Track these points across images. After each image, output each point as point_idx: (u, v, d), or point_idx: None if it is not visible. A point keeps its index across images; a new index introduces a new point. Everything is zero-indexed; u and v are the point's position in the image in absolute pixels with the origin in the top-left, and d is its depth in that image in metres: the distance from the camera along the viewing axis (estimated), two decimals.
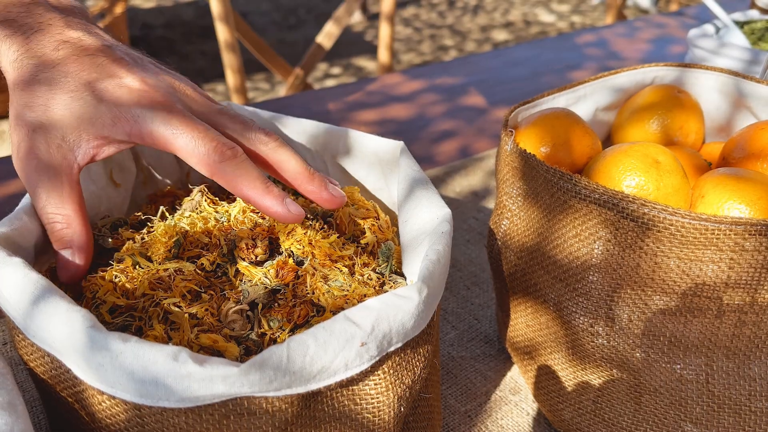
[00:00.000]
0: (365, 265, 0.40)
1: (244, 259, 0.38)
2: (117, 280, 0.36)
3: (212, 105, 0.40)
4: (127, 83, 0.36)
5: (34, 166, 0.36)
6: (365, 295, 0.36)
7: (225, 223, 0.41)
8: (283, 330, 0.35)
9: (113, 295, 0.35)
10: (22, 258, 0.33)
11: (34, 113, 0.36)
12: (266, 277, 0.37)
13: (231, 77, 1.66)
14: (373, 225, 0.42)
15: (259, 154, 0.39)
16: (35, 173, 0.36)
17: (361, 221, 0.43)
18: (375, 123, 0.95)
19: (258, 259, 0.39)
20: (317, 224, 0.41)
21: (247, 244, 0.39)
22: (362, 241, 0.41)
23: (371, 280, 0.38)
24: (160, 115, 0.35)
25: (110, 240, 0.40)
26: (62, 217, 0.36)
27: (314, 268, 0.38)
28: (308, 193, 0.39)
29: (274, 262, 0.38)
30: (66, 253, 0.37)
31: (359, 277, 0.38)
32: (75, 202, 0.37)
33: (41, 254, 0.38)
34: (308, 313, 0.36)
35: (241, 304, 0.36)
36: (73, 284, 0.38)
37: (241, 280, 0.38)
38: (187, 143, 0.35)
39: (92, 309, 0.36)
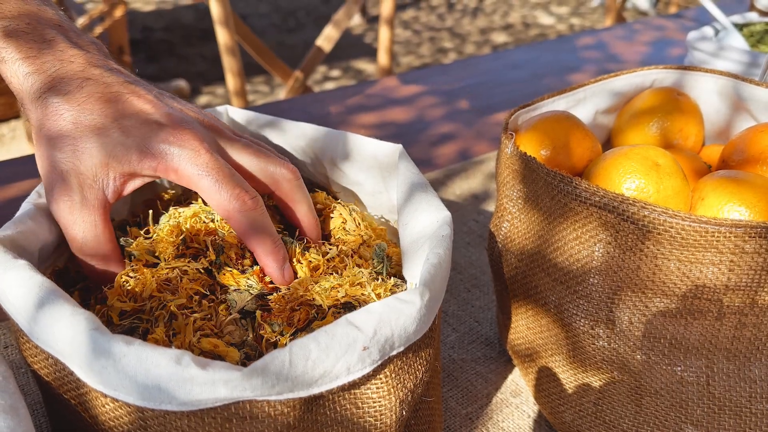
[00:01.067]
0: (357, 266, 0.40)
1: (229, 266, 0.39)
2: (124, 281, 0.36)
3: (236, 140, 0.40)
4: (154, 119, 0.37)
5: (68, 207, 0.37)
6: (360, 286, 0.37)
7: (213, 224, 0.41)
8: (284, 335, 0.35)
9: (120, 299, 0.36)
10: (27, 261, 0.33)
11: (63, 154, 0.36)
12: (249, 281, 0.38)
13: (231, 81, 1.66)
14: (341, 229, 0.43)
15: (278, 188, 0.41)
16: (70, 215, 0.37)
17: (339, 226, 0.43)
18: (374, 126, 0.95)
19: (243, 268, 0.39)
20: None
21: (236, 254, 0.39)
22: (339, 246, 0.42)
23: (363, 277, 0.38)
24: (187, 153, 0.36)
25: (122, 240, 0.41)
26: (100, 258, 0.38)
27: (306, 275, 0.38)
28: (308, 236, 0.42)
29: (253, 268, 0.39)
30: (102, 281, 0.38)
31: (351, 276, 0.38)
32: (109, 240, 0.38)
33: (45, 257, 0.38)
34: (308, 315, 0.36)
35: (232, 314, 0.36)
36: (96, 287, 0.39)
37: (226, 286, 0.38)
38: (210, 186, 0.36)
39: (102, 313, 0.36)
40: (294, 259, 0.40)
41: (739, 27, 0.93)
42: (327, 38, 1.83)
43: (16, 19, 0.39)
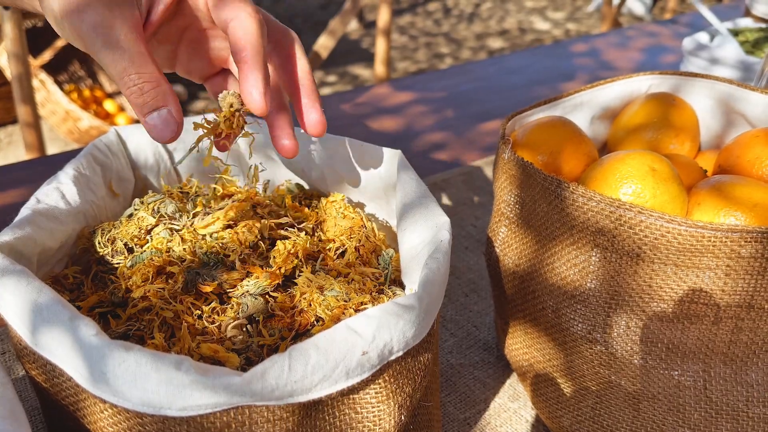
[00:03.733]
0: (362, 273, 0.40)
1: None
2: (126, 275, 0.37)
3: None
4: None
5: (105, 36, 0.34)
6: (362, 303, 0.37)
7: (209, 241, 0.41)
8: (284, 339, 0.35)
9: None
10: (25, 267, 0.33)
11: None
12: (254, 283, 0.38)
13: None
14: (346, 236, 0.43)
15: (284, 39, 0.39)
16: (108, 41, 0.34)
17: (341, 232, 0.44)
18: (373, 131, 0.95)
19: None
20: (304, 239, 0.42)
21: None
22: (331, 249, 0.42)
23: (364, 289, 0.38)
24: None
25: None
26: (150, 76, 0.34)
27: (309, 280, 0.38)
28: (305, 105, 0.40)
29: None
30: (163, 112, 0.35)
31: (356, 284, 0.38)
32: (154, 61, 0.35)
33: (43, 264, 0.38)
34: (309, 321, 0.37)
35: (240, 318, 0.36)
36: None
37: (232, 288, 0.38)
38: None
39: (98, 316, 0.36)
40: (296, 270, 0.40)
41: (734, 33, 0.93)
42: (323, 46, 1.84)
43: None
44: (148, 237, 0.41)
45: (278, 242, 0.40)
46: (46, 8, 0.35)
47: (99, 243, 0.41)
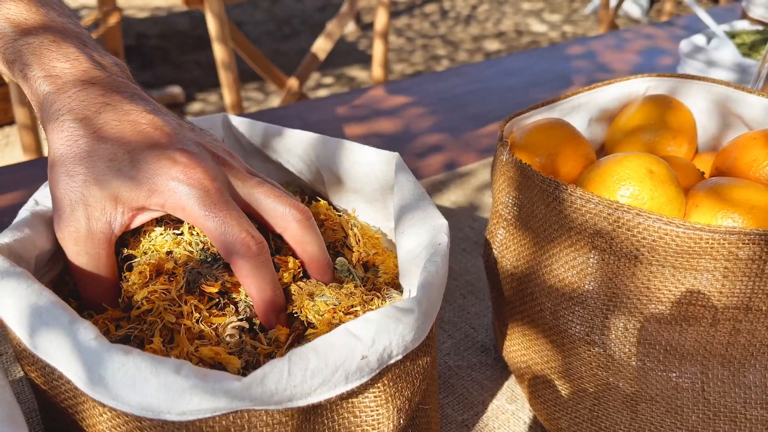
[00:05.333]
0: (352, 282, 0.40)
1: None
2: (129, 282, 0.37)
3: (248, 178, 0.40)
4: (168, 154, 0.36)
5: (73, 237, 0.36)
6: (352, 306, 0.37)
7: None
8: (280, 347, 0.35)
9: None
10: (24, 269, 0.33)
11: (74, 182, 0.36)
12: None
13: (227, 95, 1.66)
14: (354, 259, 0.43)
15: (288, 229, 0.40)
16: (75, 245, 0.37)
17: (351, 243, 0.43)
18: (370, 133, 0.95)
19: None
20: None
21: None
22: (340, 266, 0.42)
23: (355, 293, 0.38)
24: (196, 192, 0.36)
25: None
26: (99, 287, 0.38)
27: (300, 288, 0.38)
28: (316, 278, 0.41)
29: None
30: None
31: (345, 289, 0.38)
32: (111, 273, 0.38)
33: (42, 265, 0.38)
34: (302, 327, 0.37)
35: (242, 320, 0.36)
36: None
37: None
38: (216, 228, 0.36)
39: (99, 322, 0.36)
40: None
41: (731, 35, 0.94)
42: (320, 48, 1.84)
43: (41, 36, 0.39)
44: (147, 238, 0.40)
45: (290, 259, 0.40)
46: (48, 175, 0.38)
47: None
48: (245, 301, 0.37)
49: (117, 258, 0.39)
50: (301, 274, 0.40)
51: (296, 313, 0.37)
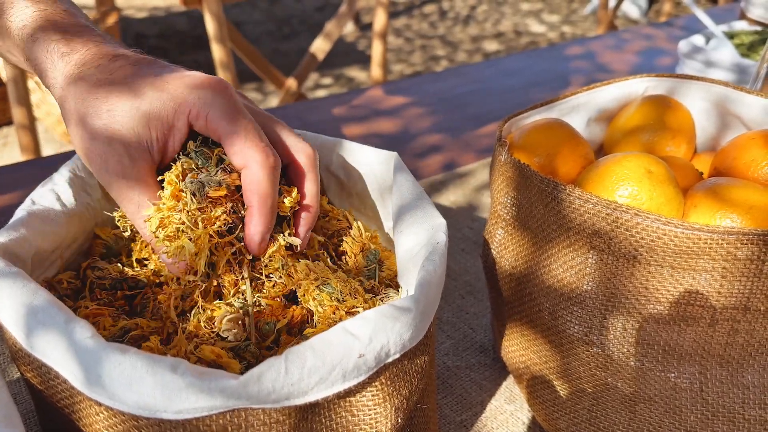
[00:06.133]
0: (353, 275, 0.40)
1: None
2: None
3: (263, 112, 0.42)
4: (188, 74, 0.38)
5: (119, 172, 0.37)
6: (354, 306, 0.37)
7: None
8: (280, 333, 0.35)
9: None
10: (20, 269, 0.33)
11: (102, 120, 0.37)
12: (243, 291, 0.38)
13: None
14: (357, 249, 0.43)
15: (296, 160, 0.41)
16: (121, 180, 0.37)
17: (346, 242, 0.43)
18: (369, 134, 0.95)
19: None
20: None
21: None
22: (350, 264, 0.42)
23: (358, 291, 0.38)
24: (219, 101, 0.37)
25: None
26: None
27: (309, 269, 0.38)
28: (297, 218, 0.41)
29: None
30: None
31: (349, 285, 0.38)
32: (155, 196, 0.38)
33: (38, 266, 0.38)
34: (303, 316, 0.37)
35: (242, 308, 0.36)
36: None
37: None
38: (239, 134, 0.37)
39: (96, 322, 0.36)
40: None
41: (730, 36, 0.94)
42: (319, 49, 1.84)
43: (58, 14, 0.41)
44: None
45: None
46: (72, 139, 0.38)
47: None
48: (240, 299, 0.37)
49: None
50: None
51: (299, 295, 0.37)
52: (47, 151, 2.32)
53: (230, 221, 0.37)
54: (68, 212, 0.41)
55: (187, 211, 0.36)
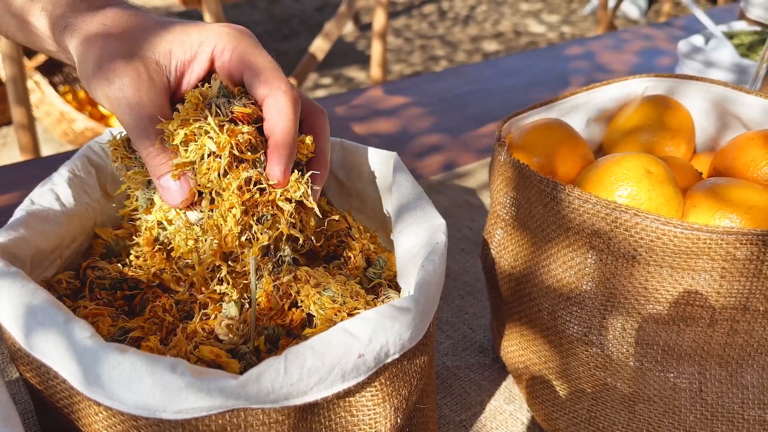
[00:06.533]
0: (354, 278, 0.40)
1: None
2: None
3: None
4: (206, 23, 0.39)
5: (136, 84, 0.36)
6: (356, 308, 0.37)
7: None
8: (279, 336, 0.35)
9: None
10: (20, 269, 0.33)
11: (125, 45, 0.37)
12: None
13: None
14: (357, 248, 0.43)
15: (311, 115, 0.42)
16: (136, 94, 0.36)
17: (350, 244, 0.43)
18: (369, 133, 0.95)
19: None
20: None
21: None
22: (350, 265, 0.42)
23: (360, 293, 0.38)
24: (245, 36, 0.38)
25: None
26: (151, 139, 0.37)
27: (308, 274, 0.38)
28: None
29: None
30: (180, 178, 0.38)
31: (350, 288, 0.38)
32: (167, 115, 0.38)
33: (36, 266, 0.38)
34: (302, 318, 0.37)
35: (243, 304, 0.36)
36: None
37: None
38: (271, 61, 0.38)
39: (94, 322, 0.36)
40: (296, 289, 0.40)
41: (729, 36, 0.94)
42: (318, 49, 1.84)
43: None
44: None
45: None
46: (80, 71, 0.38)
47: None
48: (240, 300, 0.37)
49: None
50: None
51: (299, 300, 0.37)
52: (46, 151, 2.32)
53: (254, 141, 0.37)
54: (67, 212, 0.41)
55: (211, 119, 0.36)
